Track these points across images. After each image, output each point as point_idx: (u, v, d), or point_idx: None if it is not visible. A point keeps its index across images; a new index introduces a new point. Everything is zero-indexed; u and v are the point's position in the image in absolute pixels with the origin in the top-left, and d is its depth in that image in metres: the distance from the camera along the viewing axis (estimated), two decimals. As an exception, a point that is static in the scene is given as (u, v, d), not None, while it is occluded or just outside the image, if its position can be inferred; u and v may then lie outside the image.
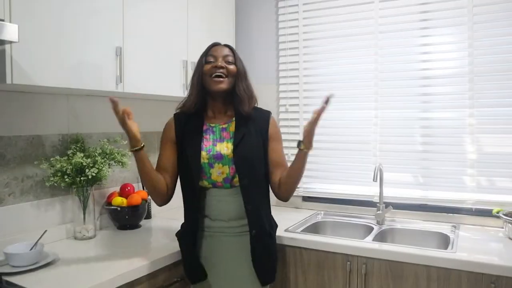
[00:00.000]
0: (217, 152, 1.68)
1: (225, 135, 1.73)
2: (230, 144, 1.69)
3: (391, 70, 2.49)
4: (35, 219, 1.90)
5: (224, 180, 1.69)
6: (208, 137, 1.72)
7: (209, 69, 1.69)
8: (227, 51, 1.73)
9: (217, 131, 1.74)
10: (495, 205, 2.18)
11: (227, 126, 1.74)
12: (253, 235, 1.67)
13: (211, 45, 1.76)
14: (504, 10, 2.19)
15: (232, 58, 1.73)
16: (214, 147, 1.69)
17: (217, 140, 1.72)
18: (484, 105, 2.26)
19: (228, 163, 1.68)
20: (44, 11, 1.57)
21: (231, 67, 1.71)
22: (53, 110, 1.98)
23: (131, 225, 2.20)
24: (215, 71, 1.68)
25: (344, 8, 2.59)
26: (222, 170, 1.69)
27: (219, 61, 1.69)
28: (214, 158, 1.68)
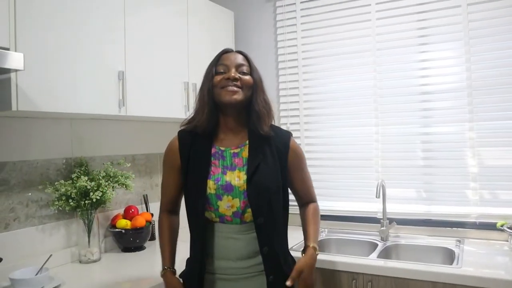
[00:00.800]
0: (227, 183, 1.42)
1: (237, 162, 1.46)
2: (242, 174, 1.44)
3: (390, 86, 2.51)
4: (40, 243, 1.90)
5: (234, 215, 1.44)
6: (217, 163, 1.46)
7: (219, 80, 1.43)
8: (241, 59, 1.48)
9: (227, 157, 1.47)
10: (499, 218, 2.18)
11: (239, 151, 1.48)
12: (270, 281, 1.43)
13: (221, 52, 1.50)
14: (499, 25, 2.22)
15: (247, 68, 1.47)
16: (223, 176, 1.43)
17: (228, 167, 1.45)
18: (484, 118, 2.27)
19: (239, 196, 1.42)
20: (48, 38, 1.60)
21: (246, 77, 1.45)
22: (56, 134, 2.00)
23: (136, 247, 2.20)
24: (227, 84, 1.41)
25: (342, 26, 2.63)
26: (231, 203, 1.43)
27: (231, 71, 1.43)
28: (223, 189, 1.42)
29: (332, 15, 2.66)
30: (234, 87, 1.41)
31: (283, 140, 1.53)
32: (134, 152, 2.42)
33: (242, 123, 1.50)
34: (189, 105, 2.33)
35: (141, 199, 2.45)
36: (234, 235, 1.44)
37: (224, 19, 2.74)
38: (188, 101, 2.33)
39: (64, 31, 1.67)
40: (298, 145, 1.60)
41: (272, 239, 1.45)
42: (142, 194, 2.45)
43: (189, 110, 2.33)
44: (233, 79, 1.41)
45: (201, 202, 1.43)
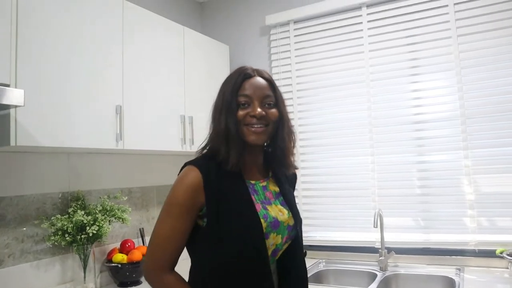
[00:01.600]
0: (274, 219, 1.23)
1: (268, 195, 1.30)
2: (281, 207, 1.29)
3: (384, 116, 2.55)
4: (35, 279, 1.87)
5: (273, 253, 1.25)
6: (255, 199, 1.25)
7: (243, 116, 1.22)
8: (266, 88, 1.26)
9: (259, 191, 1.29)
10: (498, 245, 2.17)
11: (266, 184, 1.32)
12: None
13: (242, 77, 1.26)
14: (490, 55, 2.28)
15: (273, 99, 1.26)
16: (268, 213, 1.23)
17: (264, 202, 1.27)
18: (478, 146, 2.30)
19: (283, 232, 1.25)
20: (47, 74, 1.63)
21: (273, 111, 1.25)
22: (53, 168, 2.00)
23: (132, 282, 2.16)
24: (252, 122, 1.22)
25: (335, 58, 2.69)
26: (274, 241, 1.24)
27: (256, 107, 1.22)
28: (271, 226, 1.22)
29: (325, 48, 2.73)
30: (260, 126, 1.22)
31: (294, 175, 1.45)
32: (130, 185, 2.42)
33: (261, 153, 1.34)
34: (185, 137, 2.35)
35: (137, 233, 2.42)
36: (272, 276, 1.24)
37: (220, 53, 2.80)
38: (184, 134, 2.35)
39: (63, 67, 1.70)
40: None
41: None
42: (138, 228, 2.43)
43: (185, 143, 2.35)
44: (259, 117, 1.21)
45: (262, 244, 1.18)
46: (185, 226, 1.19)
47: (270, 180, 1.34)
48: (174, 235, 1.19)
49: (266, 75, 1.30)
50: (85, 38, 1.81)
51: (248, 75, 1.27)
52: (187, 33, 2.47)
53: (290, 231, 1.28)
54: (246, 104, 1.23)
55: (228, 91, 1.25)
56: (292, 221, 1.29)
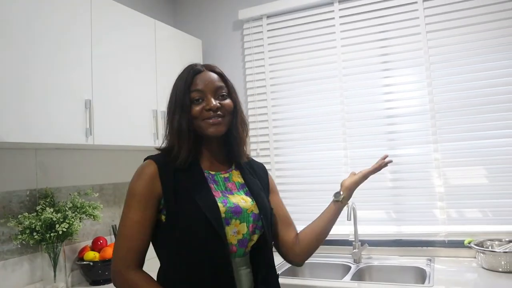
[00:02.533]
0: (235, 205, 1.24)
1: (230, 186, 1.30)
2: (244, 196, 1.29)
3: (357, 110, 2.58)
4: (2, 280, 1.81)
5: (239, 243, 1.24)
6: (213, 187, 1.26)
7: (199, 112, 1.24)
8: (217, 80, 1.29)
9: (220, 181, 1.30)
10: (466, 236, 2.23)
11: (229, 175, 1.33)
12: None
13: (191, 73, 1.29)
14: (458, 51, 2.34)
15: (225, 90, 1.29)
16: (228, 199, 1.24)
17: (225, 191, 1.27)
18: (448, 139, 2.35)
19: (247, 219, 1.24)
20: (12, 67, 1.57)
21: (227, 102, 1.28)
22: (20, 165, 1.94)
23: (105, 280, 2.12)
24: (209, 116, 1.24)
25: (308, 53, 2.70)
26: (238, 229, 1.23)
27: (210, 100, 1.24)
28: (232, 212, 1.22)
29: (298, 43, 2.73)
30: (217, 118, 1.24)
31: (261, 167, 1.47)
32: (102, 182, 2.37)
33: (222, 146, 1.34)
34: (158, 133, 2.31)
35: (109, 230, 2.38)
36: (242, 270, 1.24)
37: (193, 47, 2.77)
38: (157, 129, 2.31)
39: (29, 60, 1.65)
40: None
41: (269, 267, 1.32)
42: (111, 225, 2.38)
43: (158, 138, 2.32)
44: (215, 110, 1.23)
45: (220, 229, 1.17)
46: (146, 218, 1.20)
47: (233, 171, 1.35)
48: (137, 228, 1.19)
49: (216, 69, 1.33)
50: (52, 29, 1.75)
51: (197, 70, 1.29)
52: (158, 27, 2.43)
53: (255, 219, 1.26)
54: (200, 99, 1.25)
55: (180, 89, 1.27)
56: (256, 210, 1.27)
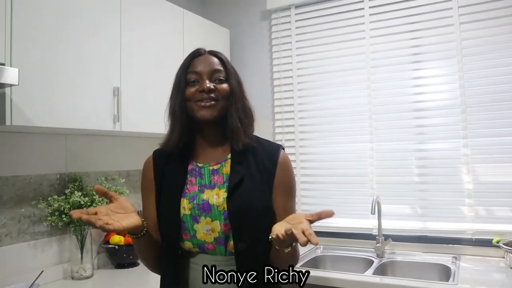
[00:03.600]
0: (203, 201, 1.19)
1: (216, 180, 1.23)
2: (222, 192, 1.20)
3: (384, 103, 2.53)
4: (32, 259, 1.88)
5: (216, 242, 1.19)
6: (194, 181, 1.24)
7: (192, 93, 1.21)
8: (216, 64, 1.25)
9: (205, 174, 1.24)
10: (494, 235, 2.17)
11: (219, 167, 1.25)
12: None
13: (191, 55, 1.27)
14: (492, 43, 2.25)
15: (223, 74, 1.25)
16: (200, 194, 1.20)
17: (206, 186, 1.23)
18: (478, 135, 2.28)
19: (219, 217, 1.18)
20: (43, 54, 1.62)
21: (223, 86, 1.23)
22: (51, 149, 2.00)
23: (129, 264, 2.18)
24: (202, 97, 1.20)
25: (336, 44, 2.66)
26: (211, 227, 1.18)
27: (205, 81, 1.21)
28: (200, 208, 1.18)
29: (327, 33, 2.69)
30: (210, 101, 1.20)
31: (270, 154, 1.26)
32: (128, 168, 2.42)
33: (222, 135, 1.27)
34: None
35: (135, 215, 2.43)
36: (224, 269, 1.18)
37: (220, 37, 2.77)
38: (183, 117, 2.34)
39: (60, 47, 1.69)
40: (289, 162, 1.30)
41: (253, 269, 1.17)
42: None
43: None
44: (207, 91, 1.19)
45: (174, 225, 1.19)
46: (152, 206, 1.26)
47: (226, 163, 1.25)
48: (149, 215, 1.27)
49: (219, 54, 1.29)
50: (82, 18, 1.79)
51: (198, 53, 1.27)
52: (187, 16, 2.44)
53: (227, 217, 1.17)
54: (196, 81, 1.22)
55: (179, 71, 1.27)
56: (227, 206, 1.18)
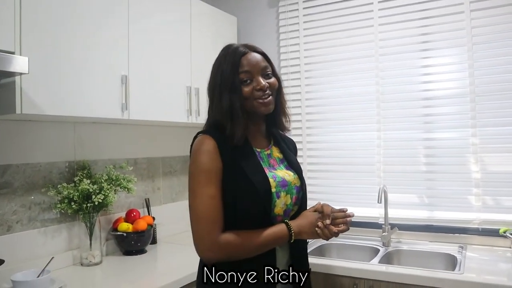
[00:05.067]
0: (282, 179, 1.34)
1: (272, 162, 1.39)
2: (286, 170, 1.39)
3: (392, 91, 2.52)
4: (42, 246, 1.91)
5: (285, 213, 1.35)
6: (274, 163, 1.41)
7: (250, 92, 1.30)
8: (262, 60, 1.34)
9: (264, 158, 1.38)
10: (501, 225, 2.17)
11: (270, 152, 1.42)
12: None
13: (238, 54, 1.33)
14: (503, 31, 2.22)
15: (269, 69, 1.36)
16: (276, 173, 1.34)
17: (269, 168, 1.36)
18: (486, 124, 2.27)
19: (291, 191, 1.35)
20: (52, 42, 1.62)
21: (273, 80, 1.35)
22: (60, 138, 2.01)
23: (137, 251, 2.20)
24: (260, 96, 1.30)
25: (344, 32, 2.64)
26: (285, 201, 1.34)
27: (259, 81, 1.30)
28: (281, 185, 1.32)
29: (334, 21, 2.67)
30: (267, 97, 1.31)
31: (291, 141, 1.57)
32: (136, 156, 2.43)
33: (264, 122, 1.43)
34: (191, 109, 2.34)
35: (143, 203, 2.45)
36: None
37: (227, 25, 2.76)
38: (190, 106, 2.34)
39: (69, 36, 1.69)
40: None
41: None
42: (144, 198, 2.46)
43: (191, 114, 2.34)
44: (265, 89, 1.30)
45: (268, 201, 1.27)
46: (218, 191, 1.25)
47: (273, 147, 1.43)
48: (214, 203, 1.23)
49: (258, 49, 1.38)
50: (91, 6, 1.79)
51: (242, 52, 1.33)
52: (194, 3, 2.42)
53: (297, 191, 1.38)
54: (248, 80, 1.31)
55: (227, 70, 1.31)
56: (298, 182, 1.39)
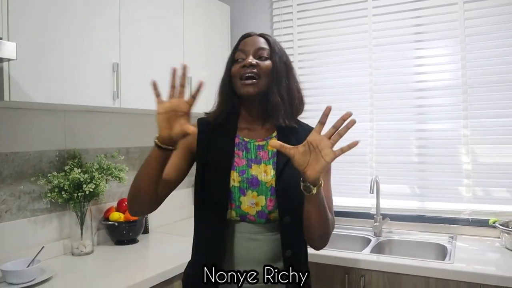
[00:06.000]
0: (253, 177, 1.26)
1: (262, 155, 1.29)
2: (269, 168, 1.27)
3: (386, 82, 2.52)
4: (32, 235, 1.89)
5: (258, 215, 1.25)
6: (241, 154, 1.29)
7: (237, 69, 1.27)
8: (261, 43, 1.31)
9: (252, 149, 1.30)
10: (491, 215, 2.19)
11: (265, 143, 1.31)
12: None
13: (242, 37, 1.34)
14: (495, 23, 2.23)
15: (267, 52, 1.29)
16: (248, 169, 1.27)
17: (252, 160, 1.28)
18: (478, 116, 2.28)
19: (265, 193, 1.25)
20: (42, 29, 1.58)
21: (266, 63, 1.27)
22: (50, 126, 1.99)
23: (129, 240, 2.19)
24: (245, 72, 1.25)
25: (338, 22, 2.63)
26: (256, 201, 1.25)
27: (249, 58, 1.27)
28: (248, 183, 1.25)
29: (328, 11, 2.66)
30: (252, 79, 1.25)
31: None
32: (128, 145, 2.41)
33: (266, 113, 1.32)
34: (184, 98, 2.31)
35: (134, 193, 2.43)
36: (256, 235, 1.25)
37: (220, 13, 2.73)
38: (183, 95, 2.31)
39: (59, 22, 1.65)
40: None
41: (297, 242, 1.28)
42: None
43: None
44: (248, 65, 1.24)
45: (224, 195, 1.24)
46: (176, 159, 1.27)
47: (272, 139, 1.30)
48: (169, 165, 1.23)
49: (266, 35, 1.34)
50: (81, -8, 1.75)
51: (247, 35, 1.34)
52: (187, -9, 2.39)
53: (274, 193, 1.24)
54: (240, 59, 1.29)
55: (231, 52, 1.33)
56: (275, 183, 1.25)
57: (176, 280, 1.80)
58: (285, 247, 1.25)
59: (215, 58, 2.58)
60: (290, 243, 1.26)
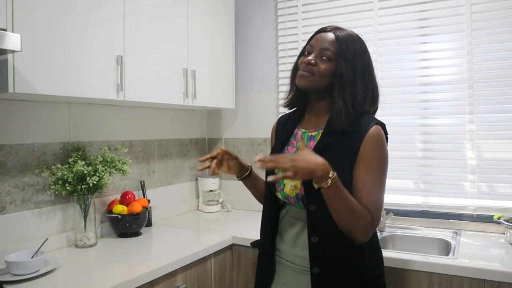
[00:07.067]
0: None
1: (311, 145, 1.36)
2: None
3: (391, 76, 2.50)
4: (36, 227, 1.90)
5: (297, 197, 1.35)
6: (295, 144, 1.42)
7: (301, 61, 1.37)
8: (329, 42, 1.33)
9: (305, 139, 1.39)
10: (496, 211, 2.18)
11: (316, 134, 1.39)
12: (314, 273, 1.29)
13: (317, 31, 1.41)
14: (503, 17, 2.20)
15: (331, 53, 1.31)
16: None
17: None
18: (484, 111, 2.26)
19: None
20: (46, 21, 1.58)
21: (325, 65, 1.32)
22: (54, 118, 1.99)
23: (132, 233, 2.20)
24: (303, 68, 1.34)
25: (343, 16, 2.61)
26: (295, 184, 1.34)
27: (311, 55, 1.34)
28: None
29: (333, 4, 2.64)
30: (306, 72, 1.33)
31: (360, 131, 1.30)
32: (131, 138, 2.41)
33: (326, 107, 1.38)
34: (187, 91, 2.31)
35: (138, 185, 2.44)
36: (294, 219, 1.38)
37: (225, 6, 2.71)
38: (186, 88, 2.31)
39: (63, 14, 1.65)
40: (377, 136, 1.31)
41: (326, 230, 1.28)
42: (139, 180, 2.44)
43: (188, 96, 2.32)
44: (307, 63, 1.33)
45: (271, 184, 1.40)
46: None
47: (322, 131, 1.36)
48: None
49: (338, 33, 1.35)
50: (85, -17, 1.74)
51: (322, 29, 1.40)
52: (191, -17, 2.38)
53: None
54: (307, 52, 1.37)
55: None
56: None
57: (179, 272, 1.81)
58: (310, 234, 1.31)
59: (219, 50, 2.57)
60: (316, 230, 1.30)
